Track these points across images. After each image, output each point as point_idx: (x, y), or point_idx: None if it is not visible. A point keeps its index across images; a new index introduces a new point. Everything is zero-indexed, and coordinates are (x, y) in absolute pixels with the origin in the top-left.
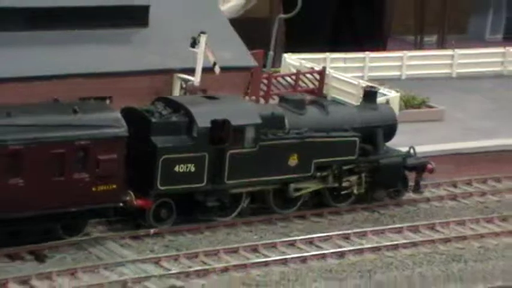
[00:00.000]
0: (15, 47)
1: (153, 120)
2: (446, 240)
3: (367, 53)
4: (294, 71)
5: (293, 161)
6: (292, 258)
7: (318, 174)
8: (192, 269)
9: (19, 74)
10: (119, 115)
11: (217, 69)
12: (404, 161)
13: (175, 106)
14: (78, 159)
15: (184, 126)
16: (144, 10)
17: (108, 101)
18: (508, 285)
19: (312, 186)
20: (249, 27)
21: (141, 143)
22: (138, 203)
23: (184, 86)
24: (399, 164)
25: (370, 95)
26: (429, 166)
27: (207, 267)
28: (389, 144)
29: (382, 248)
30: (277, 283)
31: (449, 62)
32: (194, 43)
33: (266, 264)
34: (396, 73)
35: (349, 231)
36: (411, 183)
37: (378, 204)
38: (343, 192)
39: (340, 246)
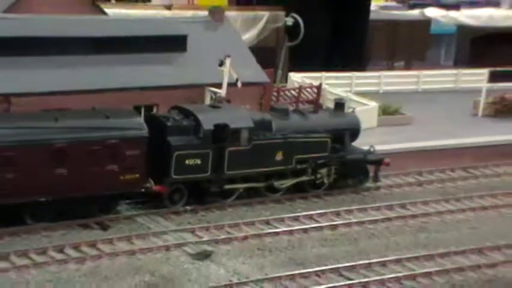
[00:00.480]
0: (88, 67)
1: (168, 124)
2: (414, 216)
3: (353, 72)
4: (297, 85)
5: (279, 156)
6: (296, 229)
7: (298, 167)
8: (219, 237)
9: (92, 87)
10: (141, 120)
11: (239, 84)
12: (365, 156)
13: (186, 113)
14: (109, 154)
15: (192, 128)
16: (183, 39)
17: (155, 108)
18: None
19: (292, 181)
20: (261, 53)
21: (160, 142)
22: (156, 189)
23: (213, 96)
24: (361, 159)
25: (339, 105)
26: (385, 161)
27: (230, 236)
28: (368, 143)
29: (366, 222)
30: (284, 248)
31: (415, 80)
32: (221, 64)
33: (276, 234)
34: (375, 88)
35: (340, 209)
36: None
37: (362, 188)
38: (318, 182)
39: (333, 221)
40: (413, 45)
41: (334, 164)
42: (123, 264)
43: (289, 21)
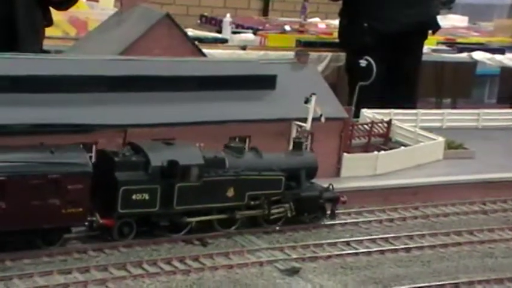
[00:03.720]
0: (191, 102)
1: (116, 159)
2: (482, 242)
3: (419, 110)
4: (369, 121)
5: (230, 192)
6: (374, 250)
7: (252, 203)
8: (305, 256)
9: (195, 120)
10: (86, 155)
11: (323, 119)
12: (321, 194)
13: (137, 149)
14: (51, 188)
15: (142, 164)
16: (273, 78)
17: (247, 140)
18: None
19: (246, 215)
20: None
21: (108, 177)
22: (103, 222)
23: (299, 130)
24: (316, 196)
25: (297, 144)
26: (341, 199)
27: (316, 254)
28: (435, 174)
29: (437, 246)
30: (364, 267)
31: (476, 117)
32: (307, 101)
33: (356, 254)
34: (439, 124)
35: (413, 233)
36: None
37: (433, 213)
38: (272, 217)
39: (407, 244)
40: (459, 84)
41: (288, 201)
42: (223, 277)
43: (363, 63)
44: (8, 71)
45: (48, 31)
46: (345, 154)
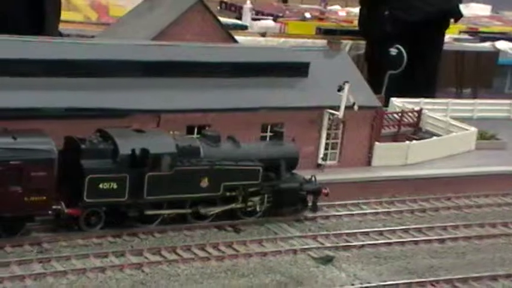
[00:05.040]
0: (224, 88)
1: (83, 146)
2: None
3: (449, 99)
4: (399, 110)
5: (204, 183)
6: (407, 241)
7: (227, 194)
8: (339, 244)
9: (228, 106)
10: (52, 142)
11: (356, 108)
12: (301, 186)
13: (106, 136)
14: (13, 175)
15: (110, 152)
16: (306, 66)
17: (280, 126)
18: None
19: (220, 208)
20: None
21: (74, 165)
22: (68, 212)
23: (331, 117)
24: (296, 188)
25: (277, 134)
26: (324, 191)
27: (349, 244)
28: (466, 165)
29: (472, 237)
30: (398, 257)
31: (508, 108)
32: (340, 89)
33: (389, 244)
34: (469, 114)
35: (446, 225)
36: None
37: (465, 205)
38: (249, 209)
39: (441, 235)
40: (480, 74)
41: (266, 192)
42: (257, 264)
43: (393, 51)
44: (44, 55)
45: (70, 16)
46: (376, 143)
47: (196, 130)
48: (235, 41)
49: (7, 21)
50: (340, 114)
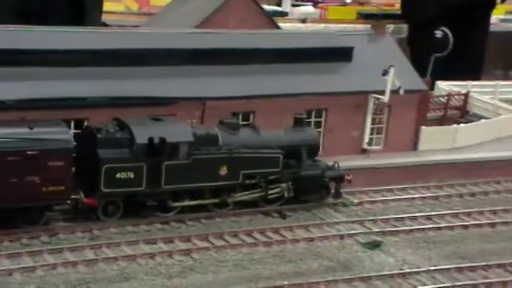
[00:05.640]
0: (268, 75)
1: (99, 136)
2: None
3: (497, 81)
4: (445, 93)
5: (223, 171)
6: (457, 225)
7: (247, 182)
8: (386, 229)
9: (272, 92)
10: (69, 131)
11: (401, 91)
12: (323, 173)
13: (123, 125)
14: (29, 165)
15: (126, 142)
16: (349, 50)
17: (324, 112)
18: None
19: (240, 197)
20: None
21: (90, 155)
22: (86, 201)
23: (376, 102)
24: (318, 175)
25: (298, 121)
26: (347, 177)
27: (397, 228)
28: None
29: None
30: (448, 242)
31: None
32: (385, 73)
33: (439, 228)
34: None
35: (497, 208)
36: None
37: None
38: (270, 197)
39: (491, 219)
40: None
41: (287, 180)
42: (304, 250)
43: (439, 34)
44: (90, 45)
45: (111, 6)
46: (422, 127)
47: (241, 116)
48: (278, 27)
49: (50, 14)
50: (385, 98)
